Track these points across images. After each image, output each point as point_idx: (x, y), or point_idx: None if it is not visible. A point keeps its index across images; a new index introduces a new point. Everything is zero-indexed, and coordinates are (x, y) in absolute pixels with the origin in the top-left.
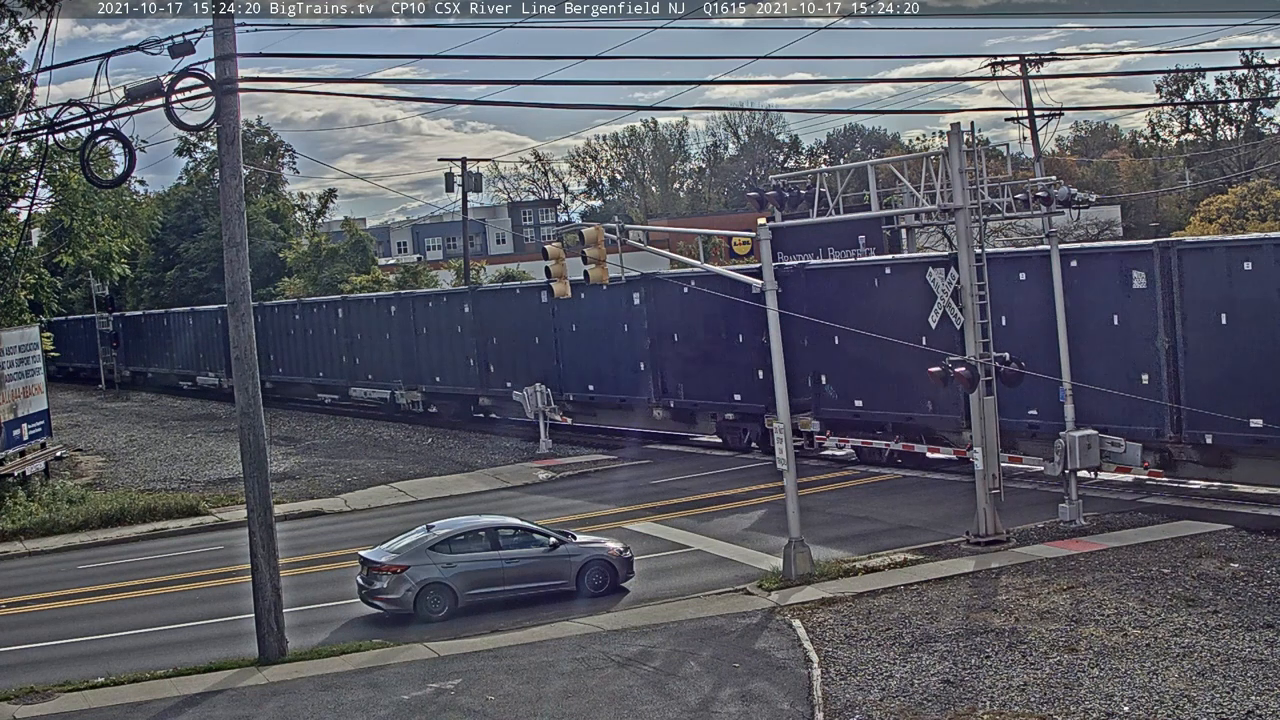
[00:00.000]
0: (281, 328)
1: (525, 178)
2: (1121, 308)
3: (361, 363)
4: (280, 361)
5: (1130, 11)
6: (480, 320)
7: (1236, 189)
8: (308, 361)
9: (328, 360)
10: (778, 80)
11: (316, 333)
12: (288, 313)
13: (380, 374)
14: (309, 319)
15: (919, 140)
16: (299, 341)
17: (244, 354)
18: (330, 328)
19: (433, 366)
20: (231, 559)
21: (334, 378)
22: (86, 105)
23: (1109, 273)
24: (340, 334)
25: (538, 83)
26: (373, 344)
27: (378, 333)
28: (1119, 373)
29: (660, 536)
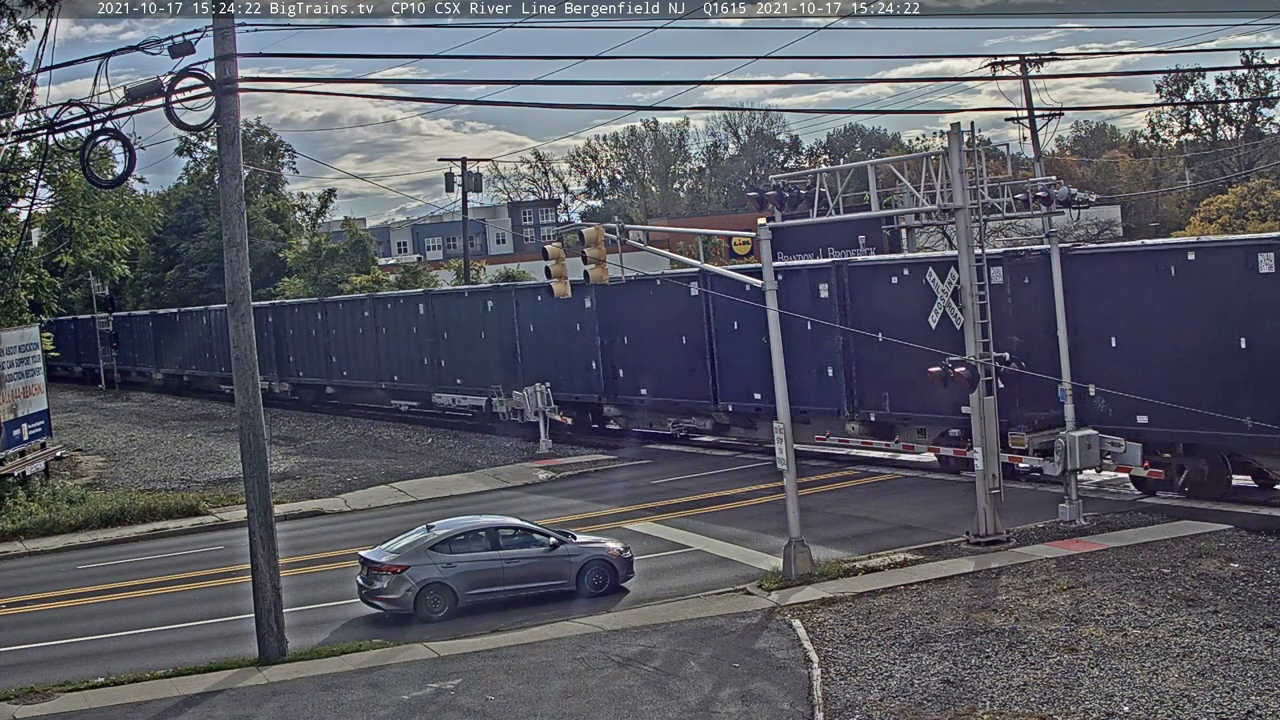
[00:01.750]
0: (347, 326)
1: (525, 178)
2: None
3: (448, 366)
4: (345, 364)
5: (1129, 11)
6: (606, 317)
7: (1236, 189)
8: (379, 364)
9: (404, 362)
10: (776, 80)
11: (391, 332)
12: (355, 309)
13: (472, 379)
14: (382, 316)
15: (919, 140)
16: (368, 342)
17: (244, 354)
18: (408, 326)
19: (542, 370)
20: (231, 559)
21: (412, 382)
22: (86, 105)
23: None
24: (421, 333)
25: (537, 83)
26: (463, 344)
27: (469, 331)
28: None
29: (660, 536)
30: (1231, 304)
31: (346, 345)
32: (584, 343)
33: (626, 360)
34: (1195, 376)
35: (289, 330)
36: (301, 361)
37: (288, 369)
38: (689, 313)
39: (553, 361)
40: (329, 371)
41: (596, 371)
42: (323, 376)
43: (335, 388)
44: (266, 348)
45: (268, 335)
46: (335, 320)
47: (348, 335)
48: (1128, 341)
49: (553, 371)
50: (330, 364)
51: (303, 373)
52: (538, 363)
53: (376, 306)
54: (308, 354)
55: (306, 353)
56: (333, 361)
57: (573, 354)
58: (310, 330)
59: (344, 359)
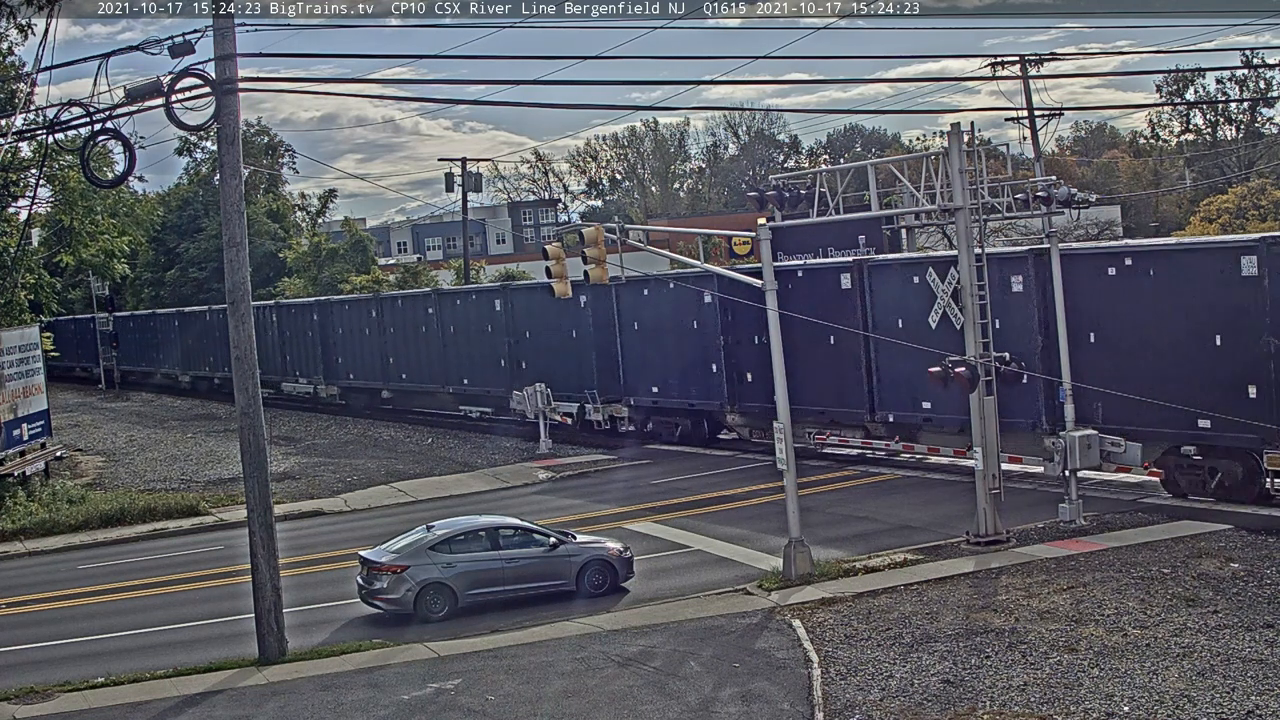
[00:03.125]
0: (408, 324)
1: (525, 178)
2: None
3: (531, 368)
4: (404, 366)
5: (1129, 11)
6: (731, 315)
7: (1236, 189)
8: (445, 366)
9: (477, 364)
10: (775, 80)
11: (461, 331)
12: (416, 306)
13: (560, 383)
14: (449, 313)
15: (919, 140)
16: (432, 341)
17: (244, 354)
18: (483, 323)
19: (647, 374)
20: (231, 559)
21: (486, 386)
22: (86, 105)
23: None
24: (498, 332)
25: (536, 83)
26: (550, 345)
27: (558, 331)
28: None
29: (660, 536)
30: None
31: (406, 346)
32: (704, 344)
33: (748, 362)
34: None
35: (337, 329)
36: (352, 363)
37: (335, 371)
38: (845, 309)
39: (662, 364)
40: (385, 374)
41: (718, 375)
42: (377, 380)
43: (392, 392)
44: (311, 348)
45: (312, 335)
46: (393, 318)
47: (408, 335)
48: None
49: (662, 375)
50: (386, 366)
51: (353, 375)
52: (642, 365)
53: (443, 303)
54: (360, 355)
55: (358, 354)
56: (389, 363)
57: (688, 356)
58: (363, 329)
59: (403, 361)
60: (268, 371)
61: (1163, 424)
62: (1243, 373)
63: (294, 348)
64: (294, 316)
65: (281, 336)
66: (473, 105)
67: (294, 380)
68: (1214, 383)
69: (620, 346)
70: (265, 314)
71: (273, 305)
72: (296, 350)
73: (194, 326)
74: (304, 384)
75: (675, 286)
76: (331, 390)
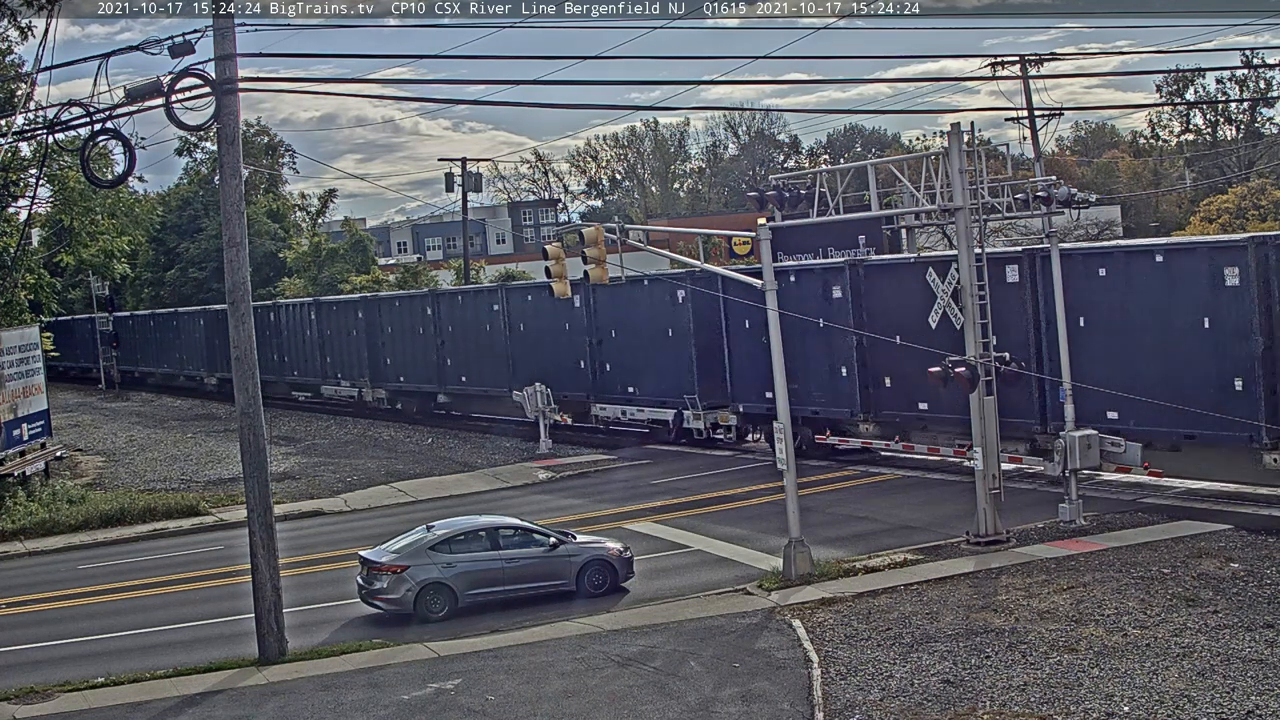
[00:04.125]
0: (468, 323)
1: (525, 178)
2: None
3: (615, 370)
4: (464, 368)
5: (1128, 11)
6: (865, 308)
7: (1236, 189)
8: (512, 369)
9: (550, 367)
10: (774, 80)
11: (531, 329)
12: (480, 302)
13: (652, 388)
14: (518, 310)
15: (919, 140)
16: (498, 341)
17: (244, 354)
18: (559, 322)
19: (760, 378)
20: (231, 559)
21: (561, 389)
22: (86, 105)
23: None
24: (576, 331)
25: (536, 83)
26: (638, 345)
27: (650, 330)
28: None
29: (660, 536)
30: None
31: (467, 346)
32: (831, 344)
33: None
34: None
35: (386, 328)
36: (404, 365)
37: (383, 373)
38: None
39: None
40: (441, 377)
41: (849, 380)
42: (433, 383)
43: (450, 395)
44: (355, 349)
45: (357, 334)
46: (451, 316)
47: (468, 334)
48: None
49: (762, 383)
50: (443, 368)
51: (404, 378)
52: (752, 367)
53: (510, 299)
54: (412, 356)
55: (411, 354)
56: (446, 365)
57: (811, 358)
58: (415, 328)
59: (462, 362)
60: (305, 374)
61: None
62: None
63: (336, 348)
64: (336, 314)
65: (321, 336)
66: (472, 105)
67: (335, 383)
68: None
69: (728, 346)
70: (303, 311)
71: (311, 302)
72: (339, 351)
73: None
74: (347, 387)
75: (796, 279)
76: (379, 394)
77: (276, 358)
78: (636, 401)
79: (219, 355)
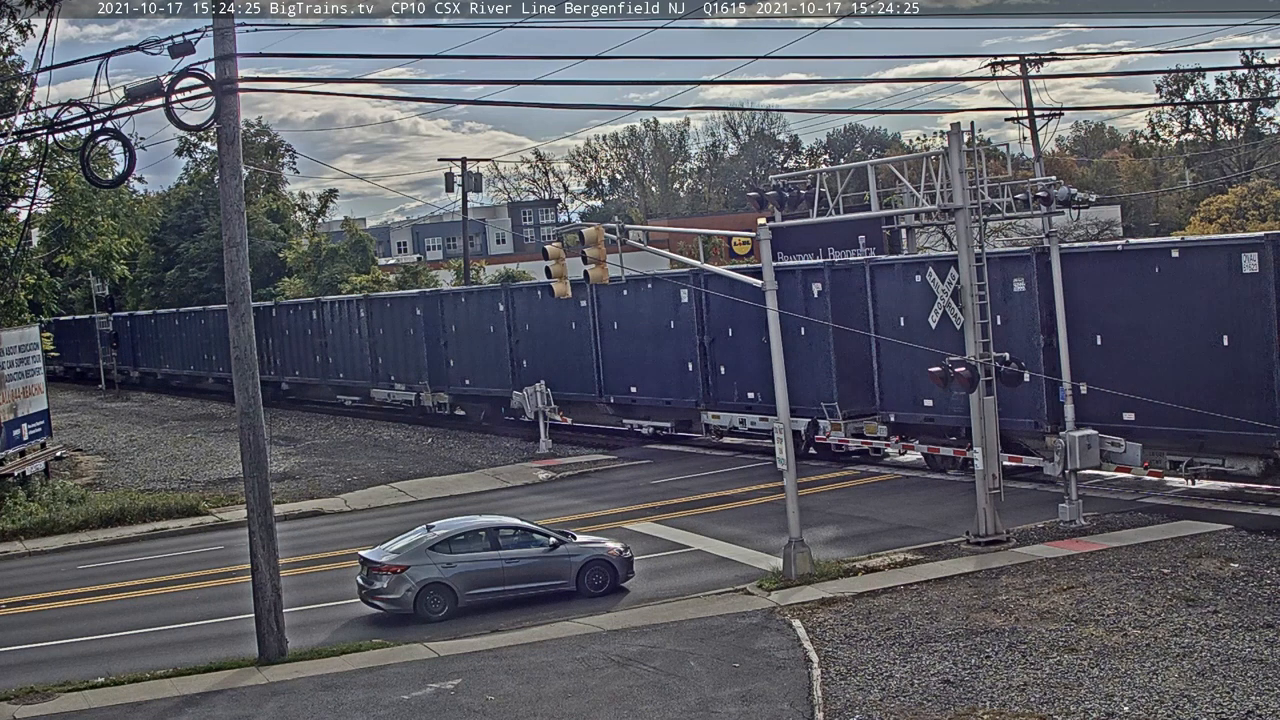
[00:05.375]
0: (549, 321)
1: (525, 178)
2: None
3: (729, 374)
4: (541, 370)
5: (1128, 11)
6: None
7: (1236, 189)
8: (605, 372)
9: (650, 371)
10: (772, 80)
11: (627, 329)
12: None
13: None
14: (612, 307)
15: (919, 140)
16: (585, 341)
17: (244, 354)
18: (661, 320)
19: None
20: (231, 559)
21: (664, 395)
22: (86, 105)
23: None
24: (684, 331)
25: (535, 83)
26: (755, 345)
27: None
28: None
29: (660, 536)
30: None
31: (547, 347)
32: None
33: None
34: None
35: (449, 327)
36: (470, 367)
37: (445, 376)
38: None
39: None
40: (517, 381)
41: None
42: (505, 387)
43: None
44: (412, 349)
45: (414, 334)
46: (528, 314)
47: (550, 334)
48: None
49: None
50: (519, 371)
51: (470, 381)
52: (897, 370)
53: (601, 296)
54: (481, 357)
55: (479, 356)
56: (522, 367)
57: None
58: (485, 326)
59: (542, 365)
60: (353, 376)
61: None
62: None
63: (390, 349)
64: (390, 312)
65: (373, 335)
66: (472, 105)
67: (388, 386)
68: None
69: (876, 347)
70: (351, 309)
71: (362, 299)
72: (393, 352)
73: (219, 326)
74: (402, 391)
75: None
76: (440, 398)
77: (319, 359)
78: (759, 409)
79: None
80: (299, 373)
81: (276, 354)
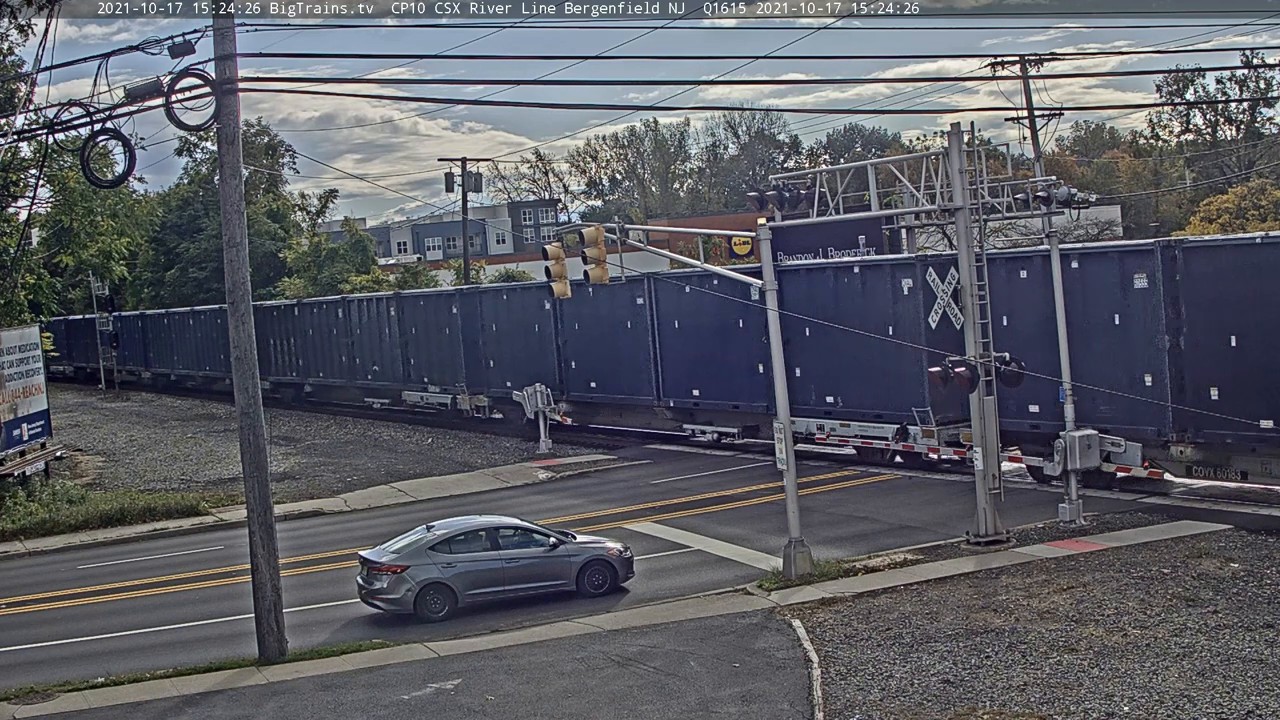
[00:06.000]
0: (602, 320)
1: (525, 178)
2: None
3: (808, 375)
4: (594, 372)
5: (1127, 11)
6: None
7: (1236, 189)
8: (662, 374)
9: (717, 370)
10: (771, 80)
11: (689, 326)
12: (616, 296)
13: (858, 396)
14: (671, 305)
15: (919, 140)
16: (639, 340)
17: (244, 354)
18: (729, 316)
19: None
20: (231, 559)
21: (731, 398)
22: (86, 105)
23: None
24: (752, 327)
25: (535, 83)
26: (846, 345)
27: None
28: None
29: (660, 536)
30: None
31: (600, 347)
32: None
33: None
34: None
35: (489, 326)
36: (512, 368)
37: (484, 378)
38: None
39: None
40: (563, 383)
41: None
42: (549, 388)
43: (572, 404)
44: (448, 349)
45: (450, 333)
46: (578, 312)
47: (603, 333)
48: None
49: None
50: (566, 373)
51: (512, 383)
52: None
53: (660, 292)
54: (525, 358)
55: (522, 356)
56: (571, 369)
57: (1105, 356)
58: (530, 325)
59: (593, 366)
60: (382, 378)
61: None
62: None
63: (423, 349)
64: (424, 310)
65: (404, 335)
66: (471, 105)
67: (420, 388)
68: None
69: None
70: (381, 307)
71: (392, 296)
72: (426, 352)
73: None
74: (436, 393)
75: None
76: (478, 401)
77: (347, 359)
78: (839, 414)
79: (264, 358)
80: (323, 374)
81: (299, 355)
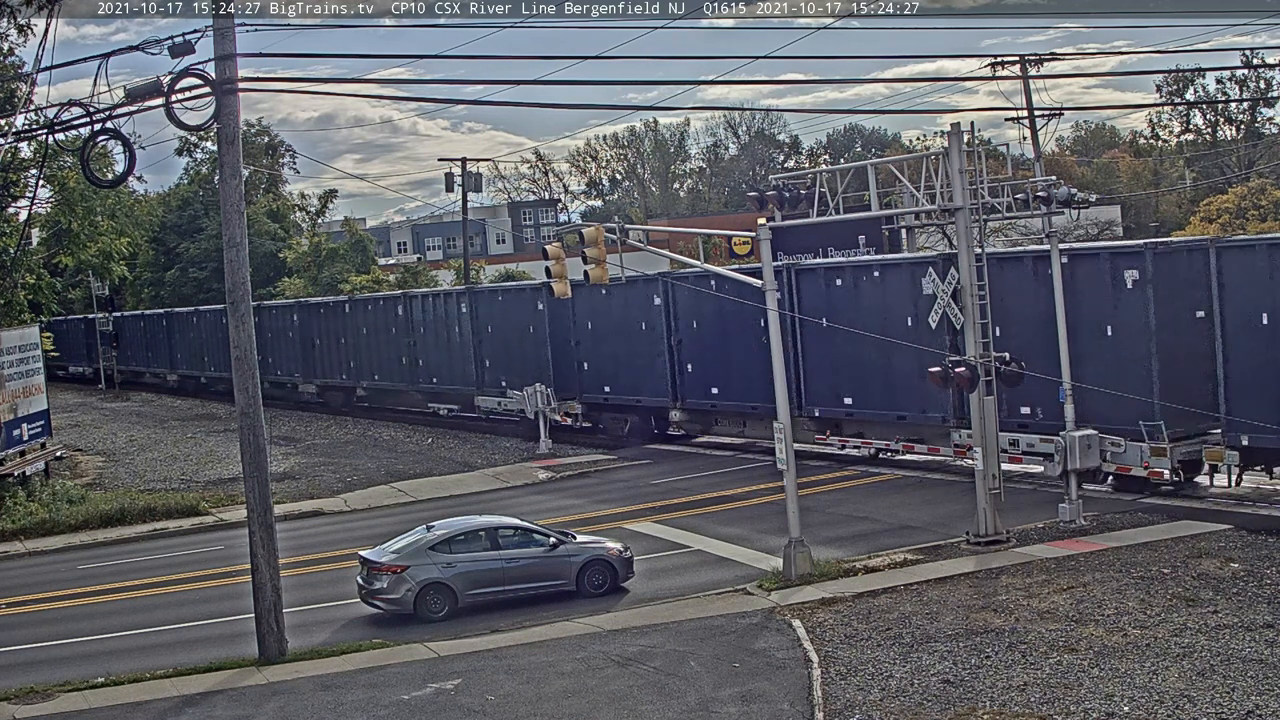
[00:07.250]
0: (729, 319)
1: (525, 178)
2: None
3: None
4: (712, 377)
5: (1127, 12)
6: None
7: (1236, 189)
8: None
9: (874, 377)
10: (771, 80)
11: (842, 325)
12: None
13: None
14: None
15: (918, 140)
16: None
17: (244, 354)
18: (902, 311)
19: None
20: (231, 559)
21: (894, 409)
22: (86, 105)
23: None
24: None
25: (535, 83)
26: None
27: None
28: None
29: (660, 536)
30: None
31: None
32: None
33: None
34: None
35: (585, 324)
36: (612, 372)
37: (575, 382)
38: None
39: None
40: (677, 390)
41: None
42: (662, 396)
43: (687, 413)
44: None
45: (535, 331)
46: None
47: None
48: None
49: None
50: (681, 377)
51: (610, 389)
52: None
53: (803, 285)
54: (627, 360)
55: (624, 359)
56: (687, 372)
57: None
58: (636, 323)
59: (709, 372)
60: (450, 381)
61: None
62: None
63: (501, 350)
64: (502, 306)
65: (477, 334)
66: (471, 105)
67: (498, 393)
68: None
69: (1223, 344)
70: (450, 304)
71: (464, 291)
72: (506, 353)
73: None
74: (518, 399)
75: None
76: (570, 408)
77: (406, 361)
78: (1037, 428)
79: (279, 359)
80: (378, 376)
81: (351, 355)
